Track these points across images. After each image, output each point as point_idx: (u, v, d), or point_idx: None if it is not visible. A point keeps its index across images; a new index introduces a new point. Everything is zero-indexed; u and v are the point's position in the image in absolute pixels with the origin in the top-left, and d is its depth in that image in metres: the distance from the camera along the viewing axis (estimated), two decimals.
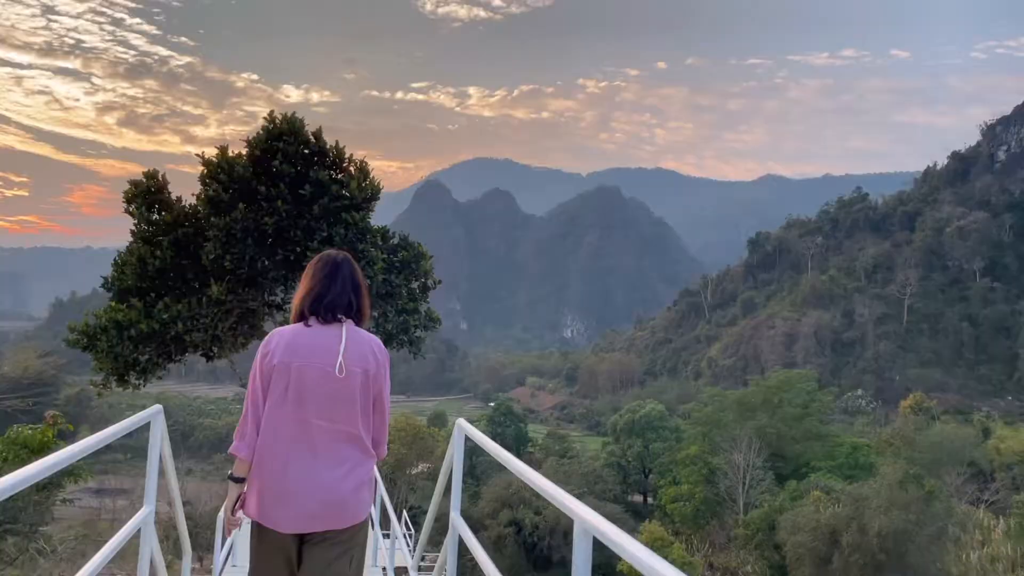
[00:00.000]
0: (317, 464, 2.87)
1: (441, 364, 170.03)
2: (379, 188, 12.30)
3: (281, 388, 2.87)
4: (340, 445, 2.92)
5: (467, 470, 67.60)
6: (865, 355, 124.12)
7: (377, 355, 3.03)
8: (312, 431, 2.87)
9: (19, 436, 13.79)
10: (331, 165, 12.20)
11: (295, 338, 2.94)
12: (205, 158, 11.75)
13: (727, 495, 47.22)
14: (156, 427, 3.22)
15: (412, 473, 41.50)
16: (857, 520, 34.75)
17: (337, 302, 3.02)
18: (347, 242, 11.57)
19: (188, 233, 11.72)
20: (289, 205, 11.43)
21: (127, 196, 12.04)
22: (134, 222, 11.99)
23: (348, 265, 3.15)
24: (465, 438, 3.52)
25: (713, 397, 62.79)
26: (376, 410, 3.05)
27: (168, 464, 3.49)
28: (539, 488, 2.10)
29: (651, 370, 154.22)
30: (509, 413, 77.46)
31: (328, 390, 2.89)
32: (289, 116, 12.00)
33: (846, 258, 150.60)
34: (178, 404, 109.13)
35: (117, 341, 11.09)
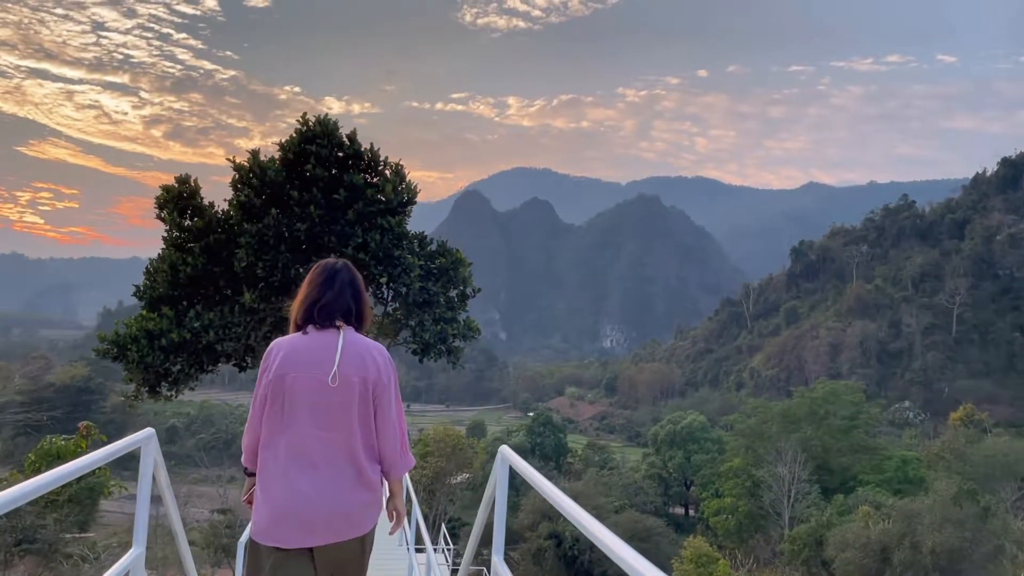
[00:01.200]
0: (317, 476, 2.80)
1: (480, 374, 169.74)
2: (416, 191, 11.84)
3: (278, 400, 2.82)
4: (342, 456, 2.84)
5: None
6: (912, 366, 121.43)
7: (378, 361, 2.92)
8: (309, 443, 2.80)
9: (52, 447, 13.67)
10: (366, 168, 11.77)
11: (293, 347, 2.87)
12: (236, 163, 11.40)
13: (771, 509, 46.32)
14: (147, 454, 2.70)
15: (451, 483, 41.05)
16: (909, 537, 33.76)
17: (334, 307, 2.95)
18: (382, 248, 11.12)
19: (220, 239, 11.37)
20: (323, 210, 11.03)
21: (159, 201, 11.75)
22: (166, 228, 11.69)
23: (346, 270, 3.09)
24: (510, 469, 2.99)
25: (756, 408, 61.69)
26: (380, 420, 2.92)
27: (166, 494, 2.98)
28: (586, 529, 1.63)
29: (692, 380, 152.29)
30: (548, 423, 76.90)
31: (323, 400, 2.81)
32: (322, 118, 11.59)
33: (892, 267, 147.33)
34: (221, 412, 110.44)
35: (148, 351, 10.77)
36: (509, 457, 2.93)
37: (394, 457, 2.97)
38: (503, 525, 2.94)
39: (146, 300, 11.56)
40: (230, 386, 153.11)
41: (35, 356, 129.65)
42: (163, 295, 11.33)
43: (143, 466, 2.72)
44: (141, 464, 2.72)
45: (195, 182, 11.90)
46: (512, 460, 2.89)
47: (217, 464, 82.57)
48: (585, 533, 1.81)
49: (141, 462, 2.72)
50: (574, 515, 1.92)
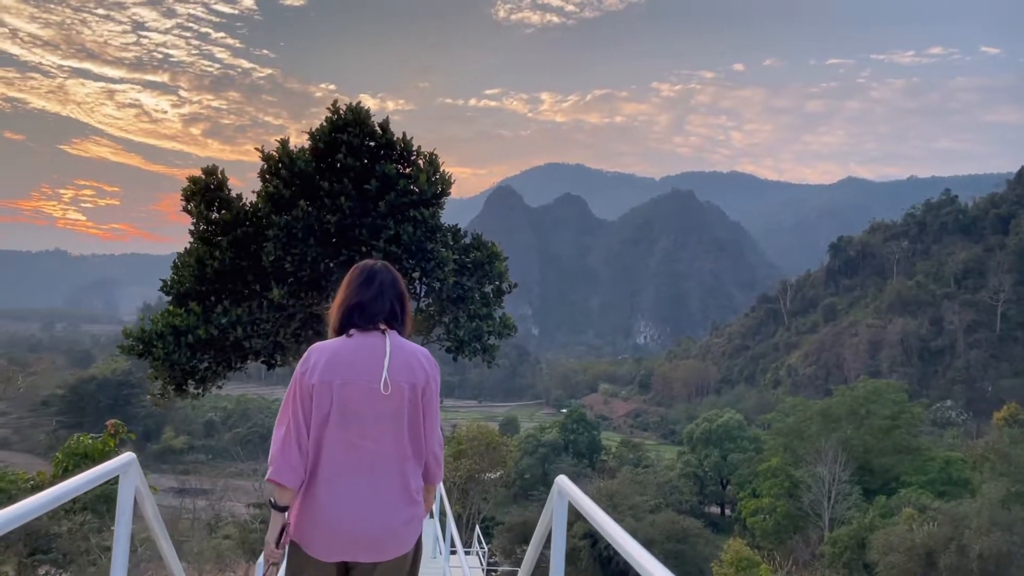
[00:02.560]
0: (366, 488, 2.68)
1: (513, 370, 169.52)
2: (450, 182, 11.34)
3: (324, 408, 2.67)
4: (390, 467, 2.72)
5: (539, 478, 66.86)
6: (955, 364, 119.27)
7: (426, 367, 2.81)
8: (359, 453, 2.68)
9: (79, 446, 13.41)
10: (399, 159, 11.30)
11: (336, 353, 2.71)
12: (265, 152, 11.00)
13: (811, 509, 45.67)
14: (126, 484, 2.21)
15: (485, 479, 40.74)
16: (956, 541, 32.96)
17: (377, 310, 2.82)
18: (415, 241, 10.64)
19: (248, 232, 10.99)
20: (353, 202, 10.58)
21: (186, 193, 11.41)
22: (192, 221, 11.33)
23: (386, 271, 2.97)
24: (568, 505, 2.46)
25: (795, 407, 60.88)
26: (428, 427, 2.82)
27: (155, 526, 2.49)
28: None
29: (728, 378, 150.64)
30: (582, 420, 76.53)
31: (374, 408, 2.68)
32: (354, 106, 11.13)
33: (934, 263, 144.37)
34: (257, 407, 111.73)
35: (174, 348, 10.43)
36: (568, 490, 2.39)
37: (436, 463, 2.86)
38: (561, 569, 2.41)
39: (173, 295, 11.23)
40: (266, 380, 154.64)
41: (39, 359, 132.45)
42: (190, 290, 10.98)
43: (122, 499, 2.22)
44: (120, 496, 2.22)
45: (222, 173, 11.53)
46: (572, 494, 2.36)
47: (253, 458, 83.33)
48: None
49: (120, 495, 2.22)
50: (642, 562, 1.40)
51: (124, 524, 2.19)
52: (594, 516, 2.05)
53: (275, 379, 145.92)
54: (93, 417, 74.38)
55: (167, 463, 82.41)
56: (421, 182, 10.99)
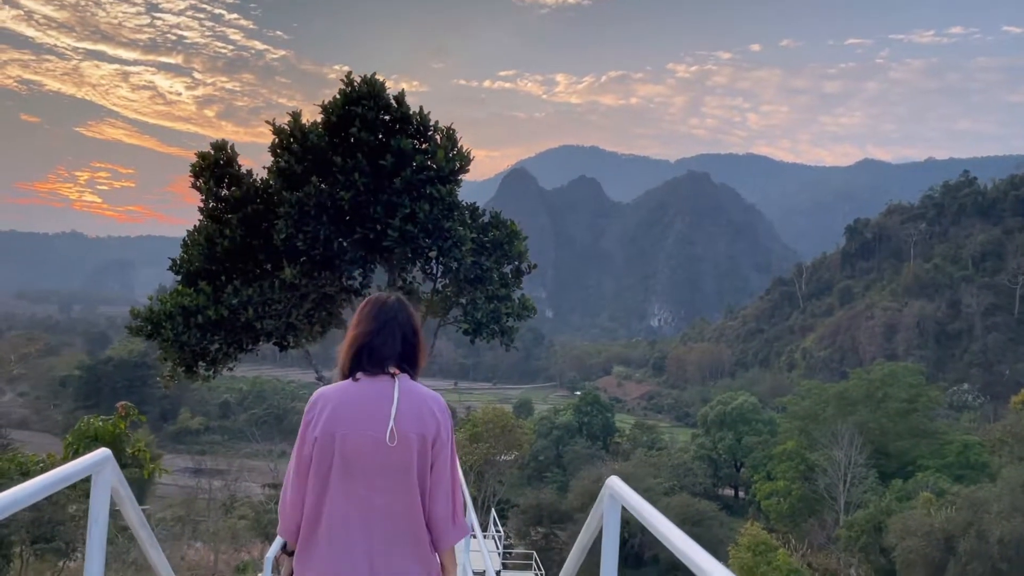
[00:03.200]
0: (373, 547, 2.49)
1: (527, 352, 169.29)
2: (469, 158, 10.95)
3: (326, 460, 2.53)
4: (397, 525, 2.53)
5: (553, 460, 66.81)
6: (972, 347, 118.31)
7: (437, 416, 2.61)
8: (364, 509, 2.51)
9: (89, 428, 13.21)
10: (415, 134, 10.90)
11: (340, 400, 2.58)
12: (276, 126, 10.62)
13: (826, 493, 45.55)
14: (100, 484, 1.84)
15: (500, 461, 40.67)
16: (976, 526, 32.71)
17: (387, 353, 2.64)
18: (432, 219, 10.27)
19: (259, 210, 10.65)
20: (368, 178, 10.20)
21: (195, 170, 11.07)
22: (202, 198, 11.00)
23: (399, 307, 2.77)
24: (622, 509, 2.10)
25: (811, 390, 60.56)
26: (433, 480, 2.58)
27: (135, 522, 2.12)
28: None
29: (742, 361, 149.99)
30: (596, 402, 76.50)
31: (379, 460, 2.49)
32: (369, 78, 10.70)
33: (952, 245, 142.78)
34: (272, 388, 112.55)
35: (183, 329, 10.14)
36: (621, 493, 2.03)
37: (445, 524, 2.59)
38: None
39: (183, 274, 10.92)
40: (280, 362, 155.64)
41: (31, 338, 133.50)
42: (200, 269, 10.67)
43: (95, 502, 1.86)
44: (92, 499, 1.86)
45: (232, 149, 11.18)
46: (625, 498, 1.99)
47: (268, 439, 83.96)
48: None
49: (93, 497, 1.86)
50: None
51: (99, 530, 1.85)
52: (656, 524, 1.70)
53: (289, 360, 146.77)
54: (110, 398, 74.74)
55: (183, 443, 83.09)
56: (438, 158, 10.59)
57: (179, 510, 44.10)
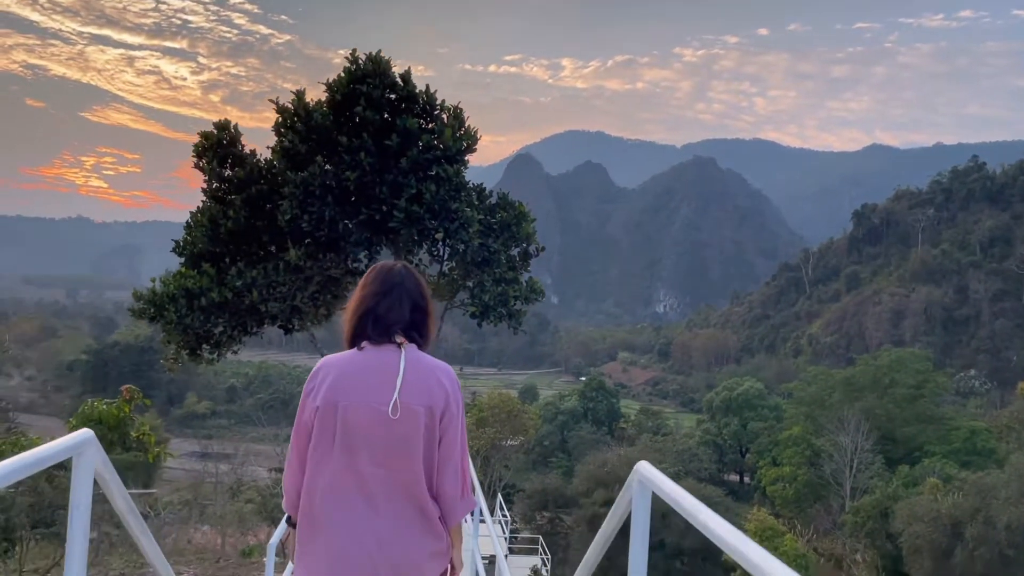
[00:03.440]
0: (379, 522, 2.38)
1: (532, 338, 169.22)
2: (476, 138, 10.74)
3: (328, 432, 2.40)
4: (402, 498, 2.41)
5: (558, 445, 66.88)
6: (979, 333, 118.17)
7: (446, 387, 2.48)
8: (368, 483, 2.37)
9: (93, 411, 13.11)
10: (421, 112, 10.70)
11: (343, 370, 2.45)
12: (280, 104, 10.44)
13: (832, 478, 45.52)
14: (82, 466, 1.66)
15: (506, 446, 40.68)
16: (983, 512, 32.58)
17: (393, 320, 2.50)
18: (439, 200, 10.09)
19: (262, 190, 10.48)
20: (373, 158, 10.01)
21: (197, 149, 10.90)
22: (205, 178, 10.84)
23: (407, 274, 2.65)
24: (652, 496, 1.93)
25: (817, 376, 60.40)
26: (442, 454, 2.45)
27: (121, 506, 1.94)
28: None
29: (748, 347, 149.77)
30: (601, 388, 76.52)
31: (382, 434, 2.36)
32: (374, 55, 10.51)
33: (960, 231, 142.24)
34: (279, 373, 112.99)
35: (187, 311, 10.00)
36: (652, 479, 1.85)
37: (453, 499, 2.48)
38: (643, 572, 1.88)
39: (186, 256, 10.79)
40: (286, 347, 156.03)
41: (26, 318, 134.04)
42: (203, 251, 10.53)
43: (76, 487, 1.68)
44: (74, 484, 1.69)
45: (235, 128, 11.01)
46: (657, 484, 1.81)
47: (275, 424, 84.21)
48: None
49: (74, 482, 1.69)
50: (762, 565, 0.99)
51: (80, 517, 1.67)
52: (694, 512, 1.54)
53: (296, 345, 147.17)
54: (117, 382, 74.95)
55: (190, 427, 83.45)
56: (445, 137, 10.40)
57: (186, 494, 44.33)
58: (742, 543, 1.30)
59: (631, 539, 1.95)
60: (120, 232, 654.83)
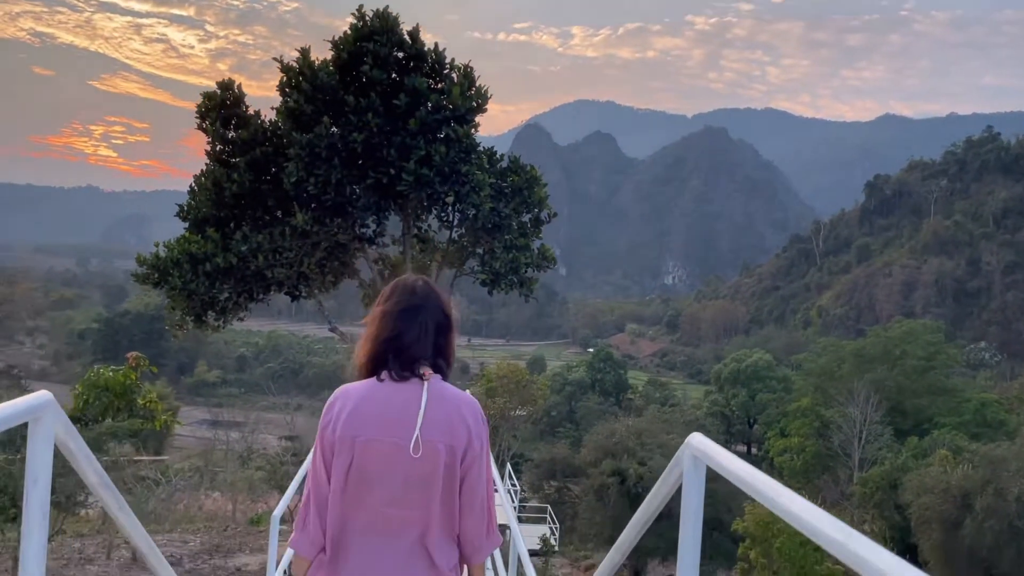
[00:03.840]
0: (394, 563, 2.24)
1: (540, 309, 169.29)
2: (487, 97, 10.40)
3: (344, 467, 2.23)
4: (412, 541, 2.25)
5: (566, 415, 66.98)
6: (990, 306, 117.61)
7: (469, 423, 2.28)
8: (385, 523, 2.24)
9: (99, 378, 12.98)
10: (430, 72, 10.35)
11: (361, 402, 2.26)
12: (284, 63, 10.10)
13: (840, 450, 45.35)
14: (39, 436, 1.37)
15: (514, 416, 40.69)
16: (994, 483, 32.34)
17: (418, 352, 2.29)
18: (449, 162, 9.78)
19: (267, 153, 10.18)
20: (381, 118, 9.69)
21: (200, 110, 10.60)
22: (208, 140, 10.54)
23: (431, 294, 2.40)
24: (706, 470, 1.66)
25: (827, 348, 60.10)
26: (465, 495, 2.28)
27: (97, 486, 1.67)
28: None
29: (757, 318, 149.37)
30: (609, 359, 76.53)
31: (402, 472, 2.20)
32: (382, 11, 10.13)
33: (973, 202, 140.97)
34: (288, 342, 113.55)
35: (191, 277, 9.78)
36: (708, 452, 1.57)
37: (478, 539, 2.32)
38: (695, 558, 1.61)
39: (190, 221, 10.54)
40: (296, 317, 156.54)
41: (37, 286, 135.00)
42: (208, 215, 10.28)
43: (33, 455, 1.40)
44: (30, 452, 1.42)
45: (239, 89, 10.69)
46: (713, 457, 1.54)
47: (284, 392, 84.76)
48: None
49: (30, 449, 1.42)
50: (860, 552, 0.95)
51: (39, 493, 1.40)
52: (760, 489, 1.29)
53: (304, 315, 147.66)
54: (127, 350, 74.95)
55: (201, 396, 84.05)
56: (455, 96, 10.05)
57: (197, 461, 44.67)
58: (822, 521, 1.06)
59: (682, 519, 1.69)
60: (129, 201, 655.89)
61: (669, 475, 1.81)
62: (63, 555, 7.49)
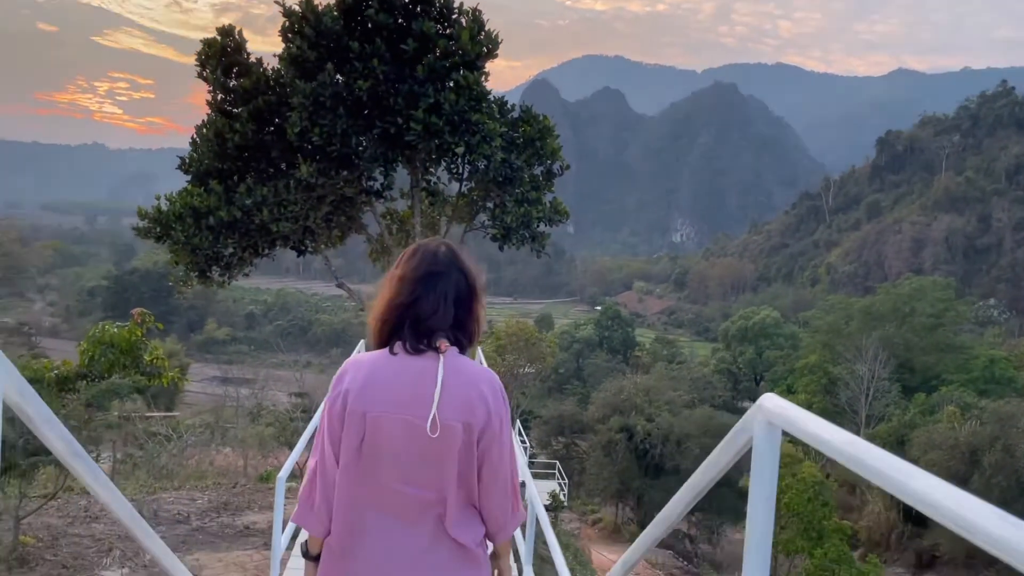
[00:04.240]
0: (405, 546, 2.09)
1: (548, 267, 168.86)
2: (497, 41, 10.00)
3: (354, 443, 2.07)
4: (431, 522, 2.09)
5: (573, 373, 67.17)
6: (1000, 263, 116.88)
7: (488, 401, 2.09)
8: (397, 502, 2.08)
9: (105, 334, 12.83)
10: (438, 16, 9.93)
11: (373, 375, 2.08)
12: (287, 7, 9.70)
13: (848, 406, 45.56)
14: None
15: (523, 372, 40.84)
16: (1002, 440, 32.62)
17: (437, 323, 2.09)
18: (458, 111, 9.42)
19: (270, 102, 9.84)
20: (388, 65, 9.33)
21: (200, 58, 10.24)
22: (209, 89, 10.19)
23: (454, 260, 2.17)
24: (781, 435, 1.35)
25: (836, 305, 60.08)
26: (486, 475, 2.11)
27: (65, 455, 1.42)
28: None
29: (765, 276, 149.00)
30: (616, 317, 76.55)
31: (416, 450, 2.05)
32: None
33: (985, 158, 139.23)
34: (296, 300, 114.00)
35: (194, 231, 9.52)
36: (783, 414, 1.28)
37: (503, 517, 2.18)
38: (767, 540, 1.31)
39: (192, 173, 10.24)
40: (304, 275, 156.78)
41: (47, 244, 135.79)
42: (210, 168, 9.98)
43: None
44: None
45: (239, 35, 10.31)
46: (791, 420, 1.25)
47: (293, 350, 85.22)
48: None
49: None
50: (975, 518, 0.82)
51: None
52: (853, 455, 1.01)
53: (312, 273, 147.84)
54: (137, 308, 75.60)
55: (211, 353, 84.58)
56: (464, 41, 9.65)
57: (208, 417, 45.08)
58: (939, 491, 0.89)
59: (752, 491, 1.41)
60: (136, 159, 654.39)
61: (732, 442, 1.54)
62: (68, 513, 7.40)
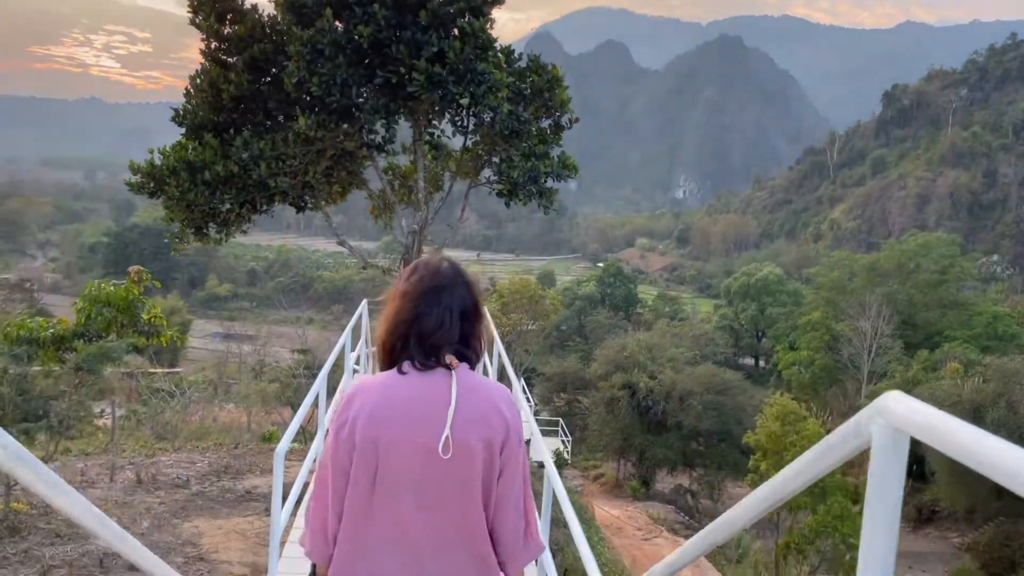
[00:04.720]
0: (432, 570, 1.98)
1: (550, 224, 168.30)
2: None
3: (366, 471, 1.97)
4: (456, 546, 2.01)
5: (575, 330, 67.17)
6: (1005, 219, 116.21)
7: (506, 415, 2.02)
8: (413, 530, 1.99)
9: (101, 292, 12.51)
10: None
11: (382, 398, 1.99)
12: None
13: (850, 363, 45.46)
14: None
15: (526, 330, 40.79)
16: (1006, 396, 32.53)
17: (443, 339, 2.03)
18: (464, 60, 9.00)
19: (267, 50, 9.40)
20: (389, 10, 8.87)
21: (193, 3, 9.78)
22: (202, 37, 9.76)
23: (457, 275, 2.12)
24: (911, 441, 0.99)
25: (839, 261, 59.69)
26: (501, 491, 2.02)
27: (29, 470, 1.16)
28: None
29: (768, 232, 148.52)
30: (618, 274, 76.32)
31: (433, 474, 1.97)
32: None
33: (992, 112, 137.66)
34: (298, 256, 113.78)
35: (189, 186, 9.17)
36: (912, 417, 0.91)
37: (515, 542, 2.05)
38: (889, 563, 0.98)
39: (187, 126, 9.87)
40: (305, 232, 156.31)
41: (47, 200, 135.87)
42: (205, 120, 9.59)
43: None
44: None
45: None
46: (923, 425, 0.89)
47: (295, 306, 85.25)
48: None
49: None
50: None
51: None
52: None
53: (314, 230, 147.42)
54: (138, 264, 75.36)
55: (213, 309, 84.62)
56: None
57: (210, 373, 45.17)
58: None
59: (868, 509, 1.01)
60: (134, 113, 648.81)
61: (836, 447, 1.19)
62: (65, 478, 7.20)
